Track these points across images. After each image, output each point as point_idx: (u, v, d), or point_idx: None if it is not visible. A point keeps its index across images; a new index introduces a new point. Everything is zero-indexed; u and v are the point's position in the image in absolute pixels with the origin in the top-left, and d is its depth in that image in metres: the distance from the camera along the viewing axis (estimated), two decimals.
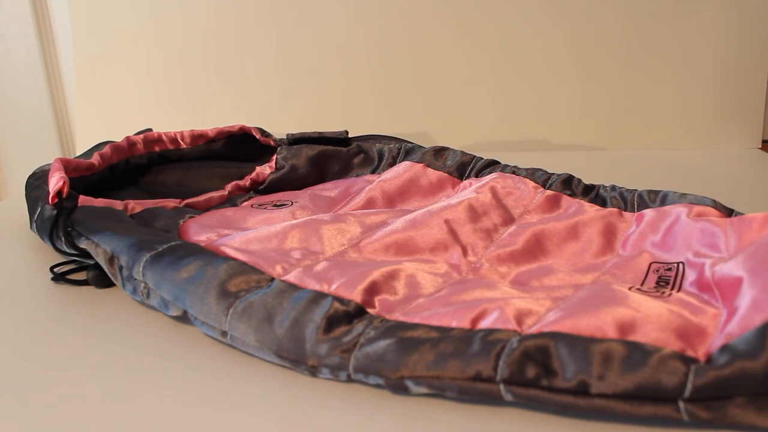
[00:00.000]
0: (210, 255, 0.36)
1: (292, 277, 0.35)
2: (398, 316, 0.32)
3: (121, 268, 0.38)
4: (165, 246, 0.37)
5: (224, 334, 0.34)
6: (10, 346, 0.36)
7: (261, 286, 0.34)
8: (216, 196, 0.49)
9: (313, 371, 0.31)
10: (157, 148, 0.54)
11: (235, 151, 0.56)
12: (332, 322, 0.31)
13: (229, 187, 0.49)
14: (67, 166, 0.47)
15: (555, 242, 0.41)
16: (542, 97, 0.75)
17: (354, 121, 0.78)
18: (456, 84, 0.77)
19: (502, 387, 0.27)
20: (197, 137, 0.55)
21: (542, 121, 0.76)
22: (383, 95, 0.78)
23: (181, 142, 0.55)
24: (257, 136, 0.55)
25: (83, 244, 0.40)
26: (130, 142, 0.53)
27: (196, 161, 0.54)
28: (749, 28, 0.71)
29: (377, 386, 0.30)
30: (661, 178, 0.47)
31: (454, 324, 0.31)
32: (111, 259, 0.38)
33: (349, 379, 0.30)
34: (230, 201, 0.50)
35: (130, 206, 0.44)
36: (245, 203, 0.50)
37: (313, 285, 0.34)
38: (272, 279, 0.35)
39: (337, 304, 0.32)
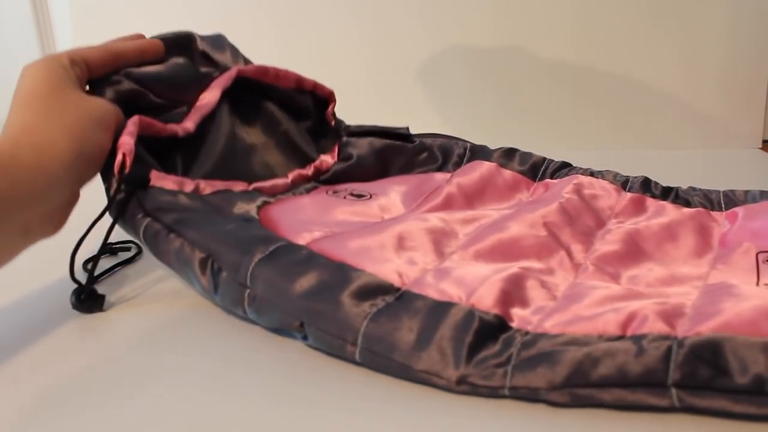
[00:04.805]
0: (325, 263, 0.34)
1: (417, 286, 0.34)
2: (540, 327, 0.31)
3: (218, 271, 0.35)
4: (273, 247, 0.35)
5: (353, 351, 0.31)
6: (14, 345, 0.36)
7: (390, 298, 0.33)
8: (280, 183, 0.47)
9: (458, 386, 0.29)
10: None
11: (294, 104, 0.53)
12: (480, 337, 0.30)
13: (291, 175, 0.48)
14: (146, 127, 0.41)
15: (653, 243, 0.40)
16: (542, 97, 0.75)
17: (353, 119, 0.78)
18: (455, 84, 0.77)
19: (673, 391, 0.27)
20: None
21: (542, 121, 0.76)
22: (381, 95, 0.78)
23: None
24: (329, 113, 0.53)
25: (171, 244, 0.37)
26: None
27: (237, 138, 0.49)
28: (750, 29, 0.71)
29: (534, 400, 0.29)
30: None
31: (602, 331, 0.30)
32: (204, 262, 0.36)
33: (499, 395, 0.29)
34: (293, 188, 0.48)
35: (201, 186, 0.42)
36: (314, 191, 0.48)
37: (444, 295, 0.33)
38: (398, 289, 0.33)
39: (480, 317, 0.31)
